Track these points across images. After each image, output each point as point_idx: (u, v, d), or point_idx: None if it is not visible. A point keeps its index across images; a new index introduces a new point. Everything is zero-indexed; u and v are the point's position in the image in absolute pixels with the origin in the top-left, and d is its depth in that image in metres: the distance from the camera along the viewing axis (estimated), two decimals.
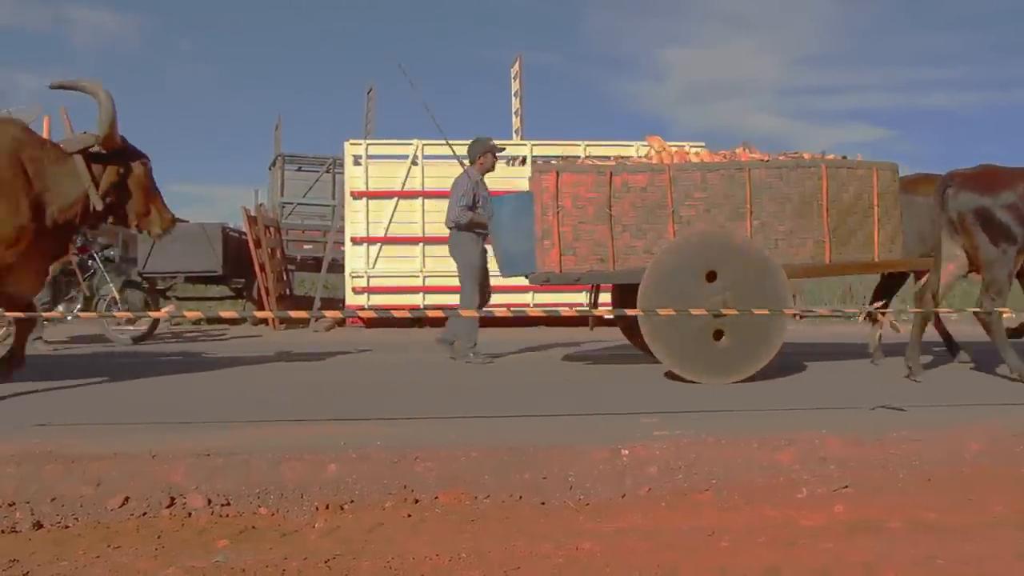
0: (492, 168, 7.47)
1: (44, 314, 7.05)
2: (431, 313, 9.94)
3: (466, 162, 7.48)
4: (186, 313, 7.58)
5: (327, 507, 3.49)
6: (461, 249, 7.20)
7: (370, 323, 11.26)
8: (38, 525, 3.32)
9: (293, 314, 5.57)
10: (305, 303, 12.52)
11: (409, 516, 3.41)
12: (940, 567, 2.87)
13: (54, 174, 5.28)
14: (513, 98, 13.71)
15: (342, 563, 2.91)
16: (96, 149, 5.31)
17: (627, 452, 3.86)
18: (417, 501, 3.56)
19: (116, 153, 5.39)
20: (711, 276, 5.80)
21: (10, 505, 3.41)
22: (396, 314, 9.94)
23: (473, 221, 7.11)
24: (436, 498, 3.58)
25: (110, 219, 5.64)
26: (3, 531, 3.28)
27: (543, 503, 3.59)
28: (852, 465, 3.90)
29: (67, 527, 3.33)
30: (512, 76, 13.78)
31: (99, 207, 5.39)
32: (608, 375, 6.68)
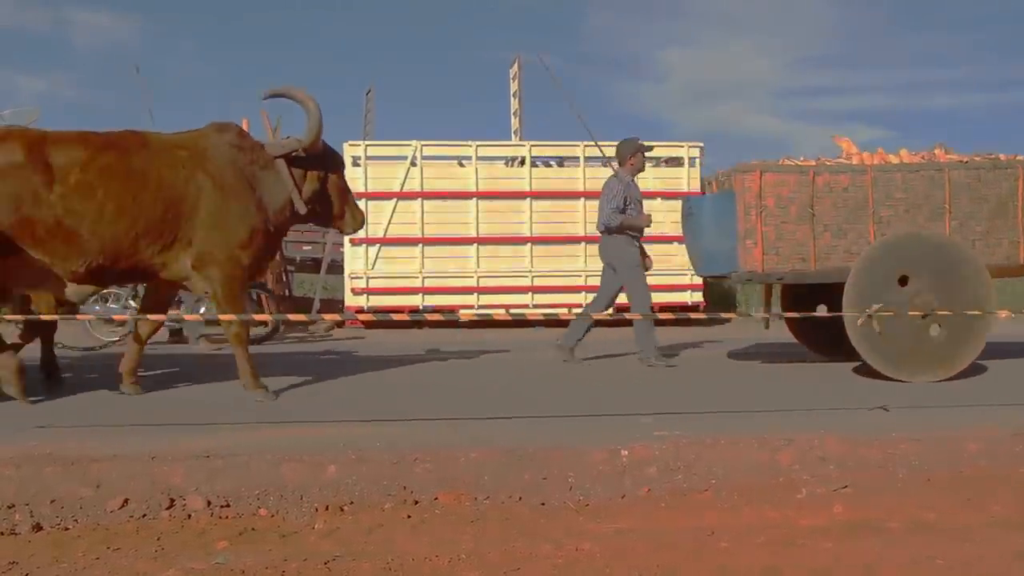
0: (642, 169, 7.30)
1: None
2: (429, 316, 9.95)
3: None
4: (186, 317, 7.58)
5: (327, 508, 3.49)
6: (617, 252, 6.99)
7: (369, 324, 11.27)
8: (37, 527, 3.32)
9: (292, 317, 5.57)
10: (304, 304, 12.52)
11: (409, 517, 3.41)
12: (940, 567, 2.87)
13: (265, 179, 5.39)
14: (512, 98, 13.72)
15: (342, 564, 2.91)
16: (297, 153, 5.42)
17: (627, 453, 3.87)
18: (417, 502, 3.56)
19: (314, 157, 5.49)
20: (913, 277, 5.84)
21: (9, 507, 3.41)
22: (395, 316, 9.97)
23: (624, 224, 6.94)
24: (436, 499, 3.58)
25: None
26: (3, 533, 3.27)
27: (543, 504, 3.59)
28: (851, 465, 3.90)
29: (67, 529, 3.33)
30: (511, 77, 13.79)
31: (303, 211, 5.50)
32: (607, 376, 6.68)
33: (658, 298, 11.89)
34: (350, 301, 11.53)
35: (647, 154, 7.51)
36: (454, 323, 10.92)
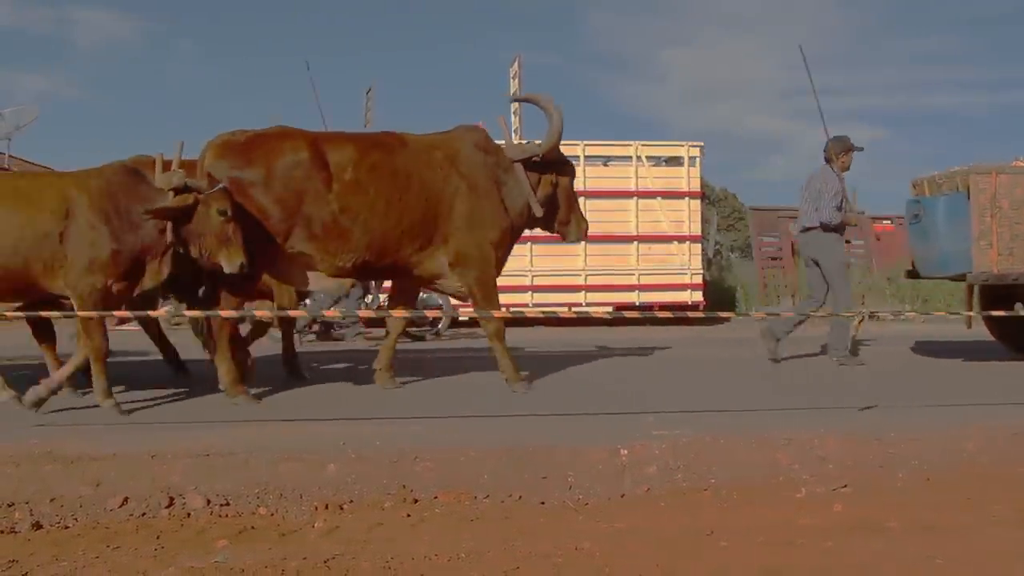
0: (848, 167, 7.06)
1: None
2: (430, 313, 9.93)
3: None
4: (186, 312, 7.52)
5: (326, 507, 3.49)
6: (828, 251, 6.86)
7: (368, 324, 11.28)
8: (37, 526, 3.32)
9: (293, 313, 5.55)
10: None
11: (408, 516, 3.41)
12: (939, 567, 2.87)
13: (506, 182, 5.53)
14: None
15: (341, 563, 2.91)
16: (536, 158, 5.54)
17: (626, 452, 3.87)
18: (416, 501, 3.56)
19: (549, 162, 5.60)
20: None
21: (9, 505, 3.41)
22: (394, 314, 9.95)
23: (843, 222, 6.87)
24: (435, 498, 3.58)
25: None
26: (2, 531, 3.27)
27: (542, 503, 3.59)
28: (851, 465, 3.90)
29: (66, 527, 3.33)
30: (511, 76, 13.79)
31: (539, 214, 5.62)
32: (607, 375, 6.68)
33: (658, 298, 11.95)
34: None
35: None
36: (454, 321, 10.92)
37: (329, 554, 2.98)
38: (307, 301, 8.58)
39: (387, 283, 8.32)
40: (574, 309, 11.16)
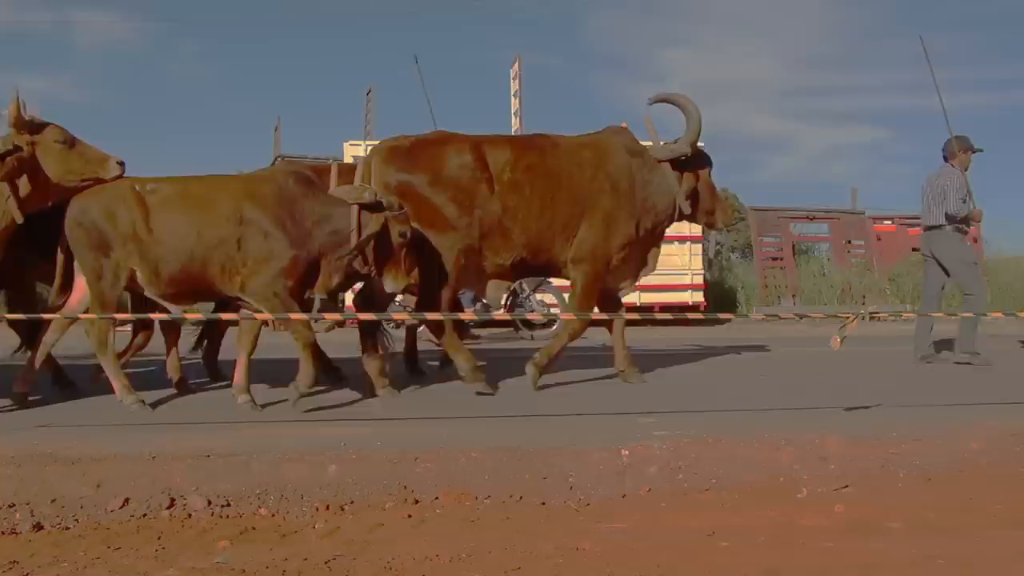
0: (968, 166, 7.05)
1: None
2: (430, 316, 9.95)
3: None
4: (187, 316, 7.52)
5: (327, 508, 3.49)
6: (953, 249, 6.88)
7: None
8: (38, 526, 3.32)
9: (292, 316, 5.54)
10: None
11: (409, 517, 3.41)
12: (940, 567, 2.87)
13: (652, 181, 5.64)
14: (513, 98, 13.74)
15: (342, 564, 2.91)
16: (683, 157, 5.65)
17: (627, 452, 3.87)
18: (417, 502, 3.56)
19: (690, 158, 5.70)
20: None
21: (10, 506, 3.40)
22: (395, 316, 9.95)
23: (972, 216, 6.90)
24: (436, 499, 3.58)
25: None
26: (3, 532, 3.28)
27: (543, 503, 3.59)
28: (852, 465, 3.90)
29: (67, 528, 3.33)
30: (512, 76, 13.80)
31: (687, 211, 5.76)
32: (608, 375, 6.67)
33: (658, 298, 11.95)
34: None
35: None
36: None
37: (330, 555, 2.98)
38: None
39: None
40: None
